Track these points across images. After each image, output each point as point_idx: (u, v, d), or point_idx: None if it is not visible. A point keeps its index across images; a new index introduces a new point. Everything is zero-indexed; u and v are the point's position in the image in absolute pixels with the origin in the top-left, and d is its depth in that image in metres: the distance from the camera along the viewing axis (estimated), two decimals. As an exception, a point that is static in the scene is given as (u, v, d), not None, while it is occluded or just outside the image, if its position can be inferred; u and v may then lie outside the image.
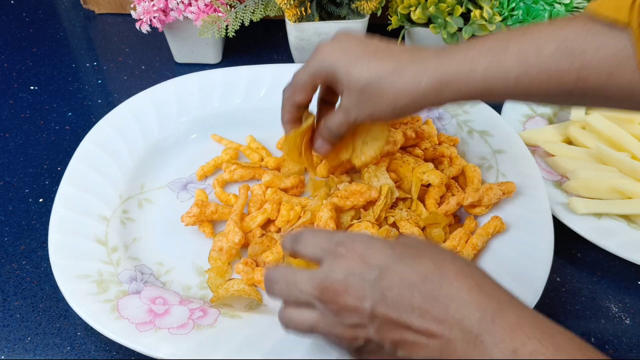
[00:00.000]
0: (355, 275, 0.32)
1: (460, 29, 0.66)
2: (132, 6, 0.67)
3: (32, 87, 0.72)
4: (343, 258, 0.32)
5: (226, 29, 0.68)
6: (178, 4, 0.66)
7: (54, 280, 0.45)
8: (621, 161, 0.56)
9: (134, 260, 0.49)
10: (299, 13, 0.65)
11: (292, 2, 0.64)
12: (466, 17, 0.66)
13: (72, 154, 0.55)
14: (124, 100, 0.62)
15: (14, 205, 0.57)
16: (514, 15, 0.65)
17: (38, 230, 0.55)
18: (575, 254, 0.54)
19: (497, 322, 0.28)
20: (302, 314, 0.34)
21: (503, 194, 0.53)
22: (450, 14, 0.65)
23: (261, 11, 0.68)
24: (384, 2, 0.67)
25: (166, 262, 0.50)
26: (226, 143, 0.61)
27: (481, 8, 0.65)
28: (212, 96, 0.64)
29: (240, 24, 0.67)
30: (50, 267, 0.46)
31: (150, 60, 0.77)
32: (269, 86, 0.65)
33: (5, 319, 0.48)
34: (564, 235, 0.53)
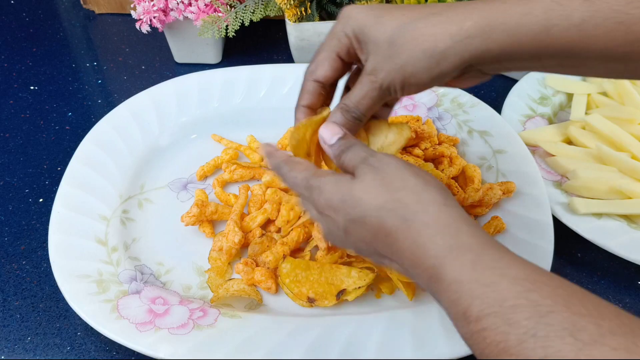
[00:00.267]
0: (332, 233, 0.37)
1: (460, 29, 0.66)
2: (132, 6, 0.67)
3: (32, 87, 0.72)
4: (320, 214, 0.36)
5: (226, 29, 0.68)
6: (178, 4, 0.66)
7: (54, 280, 0.45)
8: (621, 161, 0.56)
9: (134, 260, 0.49)
10: (299, 13, 0.65)
11: (292, 2, 0.64)
12: (466, 17, 0.66)
13: (72, 154, 0.55)
14: (124, 100, 0.62)
15: (14, 205, 0.57)
16: (514, 15, 0.65)
17: (38, 230, 0.55)
18: (575, 254, 0.54)
19: (441, 283, 0.30)
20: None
21: (503, 194, 0.53)
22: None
23: (261, 11, 0.68)
24: (384, 2, 0.67)
25: (166, 262, 0.50)
26: (226, 143, 0.61)
27: (481, 8, 0.65)
28: (212, 96, 0.64)
29: (240, 24, 0.67)
30: (50, 267, 0.46)
31: (150, 60, 0.77)
32: (269, 86, 0.65)
33: (5, 319, 0.48)
34: (564, 235, 0.53)
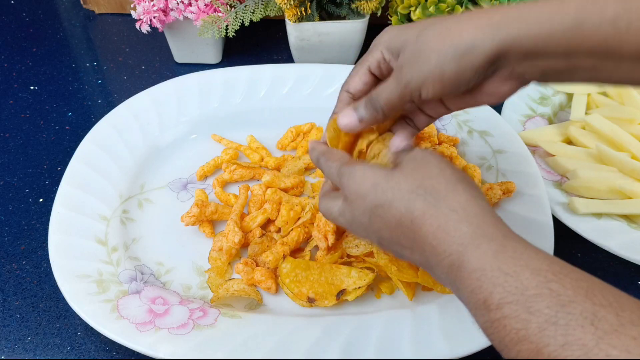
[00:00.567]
0: (356, 221, 0.37)
1: (460, 29, 0.66)
2: (132, 6, 0.67)
3: (32, 87, 0.72)
4: (346, 201, 0.37)
5: (226, 29, 0.68)
6: (178, 4, 0.66)
7: (54, 280, 0.45)
8: (621, 161, 0.56)
9: (134, 260, 0.49)
10: (299, 13, 0.65)
11: (292, 2, 0.64)
12: (466, 17, 0.66)
13: (72, 154, 0.55)
14: (124, 100, 0.62)
15: (14, 205, 0.57)
16: (514, 15, 0.65)
17: (38, 230, 0.55)
18: (575, 254, 0.54)
19: (463, 270, 0.30)
20: None
21: (503, 194, 0.53)
22: (450, 13, 0.65)
23: (261, 11, 0.68)
24: (384, 2, 0.67)
25: (166, 262, 0.50)
26: (226, 143, 0.61)
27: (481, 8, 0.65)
28: (212, 96, 0.64)
29: (240, 24, 0.67)
30: (50, 267, 0.46)
31: (150, 60, 0.77)
32: (269, 86, 0.65)
33: (5, 319, 0.48)
34: (564, 235, 0.53)
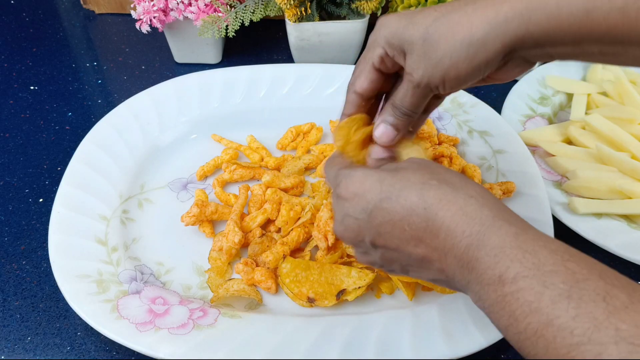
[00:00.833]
0: (351, 216, 0.35)
1: (460, 29, 0.66)
2: (132, 6, 0.67)
3: (32, 87, 0.72)
4: (341, 200, 0.36)
5: (226, 29, 0.68)
6: (178, 4, 0.66)
7: (54, 280, 0.45)
8: (621, 161, 0.56)
9: (134, 260, 0.49)
10: (299, 13, 0.65)
11: (292, 2, 0.64)
12: (466, 17, 0.66)
13: (72, 154, 0.55)
14: (124, 100, 0.62)
15: (14, 205, 0.57)
16: (514, 15, 0.65)
17: (38, 230, 0.55)
18: (575, 254, 0.54)
19: (481, 248, 0.29)
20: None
21: (503, 194, 0.53)
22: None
23: (261, 11, 0.68)
24: (384, 2, 0.67)
25: (166, 262, 0.50)
26: (226, 143, 0.61)
27: (481, 8, 0.65)
28: (212, 96, 0.64)
29: (240, 24, 0.67)
30: (50, 267, 0.46)
31: (150, 60, 0.77)
32: (269, 86, 0.65)
33: (5, 319, 0.48)
34: (564, 235, 0.53)
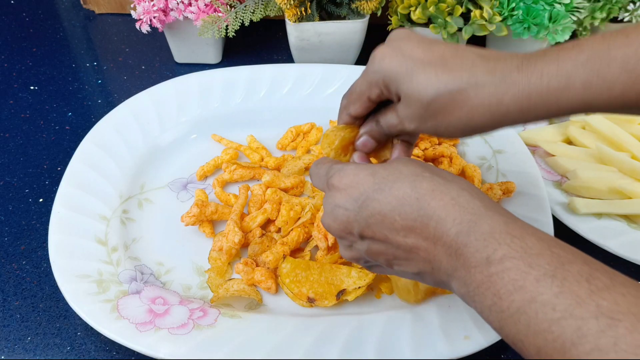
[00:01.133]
0: (341, 207, 0.35)
1: (460, 29, 0.66)
2: (132, 6, 0.67)
3: (32, 87, 0.72)
4: (333, 191, 0.36)
5: (226, 29, 0.68)
6: (178, 4, 0.66)
7: (54, 280, 0.45)
8: (621, 161, 0.56)
9: (134, 260, 0.49)
10: (299, 13, 0.65)
11: (292, 2, 0.64)
12: (466, 17, 0.66)
13: (72, 154, 0.55)
14: (124, 100, 0.62)
15: (14, 205, 0.57)
16: (514, 15, 0.65)
17: (38, 230, 0.55)
18: (575, 254, 0.54)
19: (471, 234, 0.30)
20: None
21: (503, 194, 0.53)
22: (450, 14, 0.65)
23: (261, 11, 0.68)
24: (384, 2, 0.67)
25: (166, 262, 0.50)
26: (226, 143, 0.61)
27: (481, 8, 0.65)
28: (212, 96, 0.64)
29: (240, 24, 0.67)
30: (50, 267, 0.46)
31: (150, 60, 0.77)
32: (269, 86, 0.65)
33: (5, 319, 0.48)
34: (564, 235, 0.53)
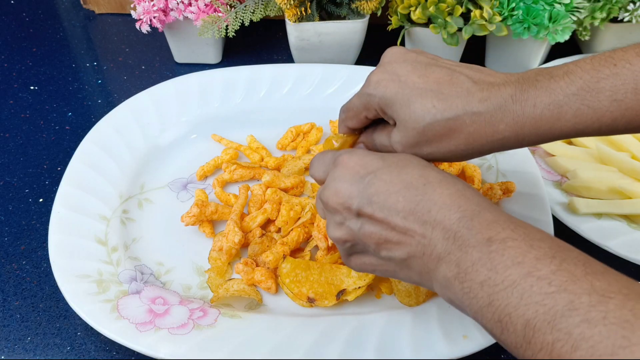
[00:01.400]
0: (347, 181, 0.35)
1: (460, 29, 0.66)
2: (132, 6, 0.67)
3: (32, 87, 0.72)
4: (339, 167, 0.36)
5: (226, 29, 0.68)
6: (178, 4, 0.66)
7: (54, 280, 0.45)
8: (621, 161, 0.56)
9: (134, 260, 0.49)
10: (299, 13, 0.65)
11: (292, 2, 0.64)
12: (466, 17, 0.66)
13: (72, 154, 0.55)
14: (124, 100, 0.62)
15: (14, 205, 0.57)
16: (513, 15, 0.65)
17: (38, 230, 0.55)
18: (575, 254, 0.54)
19: (475, 220, 0.30)
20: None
21: (503, 194, 0.53)
22: (450, 14, 0.65)
23: (261, 11, 0.68)
24: (384, 2, 0.67)
25: (166, 262, 0.50)
26: (226, 143, 0.61)
27: (481, 8, 0.65)
28: (212, 96, 0.64)
29: (240, 24, 0.67)
30: (50, 267, 0.46)
31: (150, 60, 0.77)
32: (269, 86, 0.65)
33: (5, 319, 0.48)
34: (564, 235, 0.53)
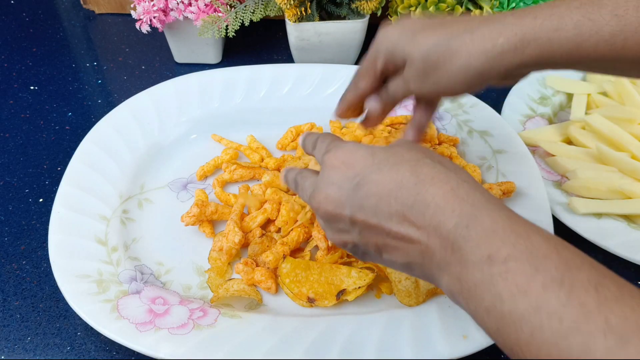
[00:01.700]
0: (335, 184, 0.34)
1: (460, 29, 0.66)
2: (132, 6, 0.67)
3: (32, 87, 0.72)
4: (328, 167, 0.35)
5: (226, 29, 0.68)
6: (178, 4, 0.66)
7: (54, 280, 0.45)
8: (621, 161, 0.56)
9: (134, 260, 0.49)
10: (299, 13, 0.65)
11: (292, 2, 0.64)
12: (466, 17, 0.66)
13: (72, 154, 0.55)
14: (124, 100, 0.62)
15: (14, 205, 0.57)
16: (514, 15, 0.65)
17: (38, 230, 0.55)
18: (575, 254, 0.54)
19: (471, 228, 0.28)
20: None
21: (503, 194, 0.53)
22: (451, 14, 0.65)
23: (261, 11, 0.68)
24: (384, 2, 0.67)
25: (166, 262, 0.50)
26: (226, 143, 0.61)
27: (481, 8, 0.65)
28: (212, 96, 0.64)
29: (240, 24, 0.67)
30: (50, 267, 0.46)
31: (150, 60, 0.77)
32: (269, 86, 0.65)
33: (5, 319, 0.48)
34: (564, 235, 0.52)
